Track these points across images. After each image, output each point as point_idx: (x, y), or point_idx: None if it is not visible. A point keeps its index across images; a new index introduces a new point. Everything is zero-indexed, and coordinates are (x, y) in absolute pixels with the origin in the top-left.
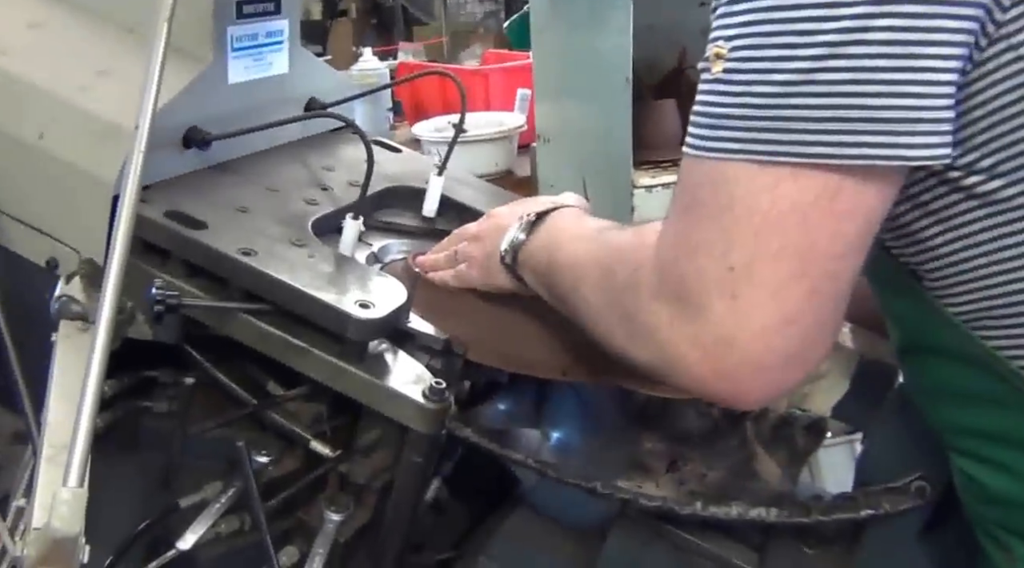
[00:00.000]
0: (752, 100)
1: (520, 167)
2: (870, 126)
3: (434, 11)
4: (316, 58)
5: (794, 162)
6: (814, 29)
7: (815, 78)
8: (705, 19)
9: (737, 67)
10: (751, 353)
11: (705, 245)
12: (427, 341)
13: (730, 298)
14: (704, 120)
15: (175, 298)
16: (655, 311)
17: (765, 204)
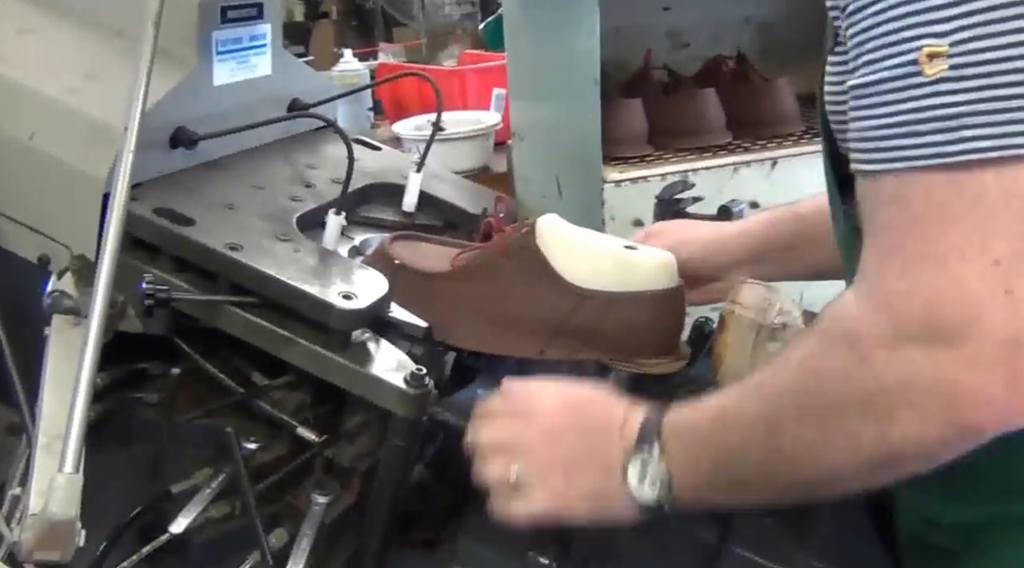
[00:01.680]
0: (994, 92)
1: (497, 163)
2: None
3: (413, 13)
4: (298, 60)
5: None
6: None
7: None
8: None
9: (966, 62)
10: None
11: (954, 252)
12: (408, 329)
13: (1004, 294)
14: (926, 126)
15: (165, 292)
16: (907, 362)
17: (1021, 189)
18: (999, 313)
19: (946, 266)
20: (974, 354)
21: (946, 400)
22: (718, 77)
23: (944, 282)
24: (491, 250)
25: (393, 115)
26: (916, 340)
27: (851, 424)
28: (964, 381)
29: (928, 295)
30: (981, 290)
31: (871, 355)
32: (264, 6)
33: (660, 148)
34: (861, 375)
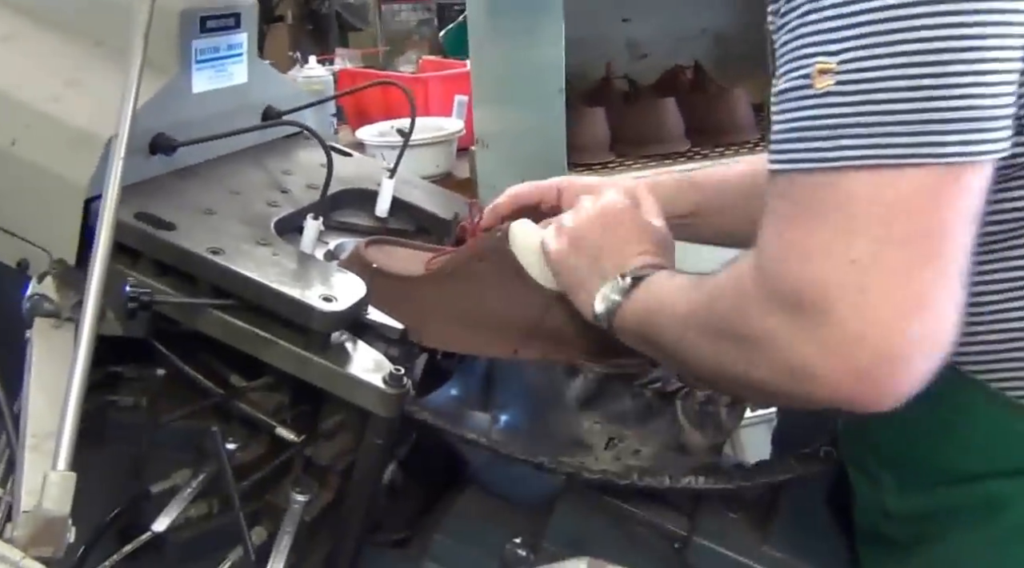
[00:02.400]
0: (871, 107)
1: (459, 169)
2: (977, 125)
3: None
4: (272, 68)
5: (915, 161)
6: (930, 37)
7: (935, 83)
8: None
9: (850, 79)
10: (887, 345)
11: (821, 247)
12: (385, 331)
13: (858, 292)
14: (814, 133)
15: (148, 295)
16: (772, 326)
17: (888, 197)
18: (850, 310)
19: (811, 259)
20: (824, 340)
21: (795, 369)
22: (676, 87)
23: (808, 273)
24: (465, 253)
25: (355, 121)
26: (782, 312)
27: (729, 354)
28: (811, 360)
29: (795, 281)
30: (837, 286)
31: (749, 309)
32: (241, 16)
33: (622, 155)
34: (739, 321)
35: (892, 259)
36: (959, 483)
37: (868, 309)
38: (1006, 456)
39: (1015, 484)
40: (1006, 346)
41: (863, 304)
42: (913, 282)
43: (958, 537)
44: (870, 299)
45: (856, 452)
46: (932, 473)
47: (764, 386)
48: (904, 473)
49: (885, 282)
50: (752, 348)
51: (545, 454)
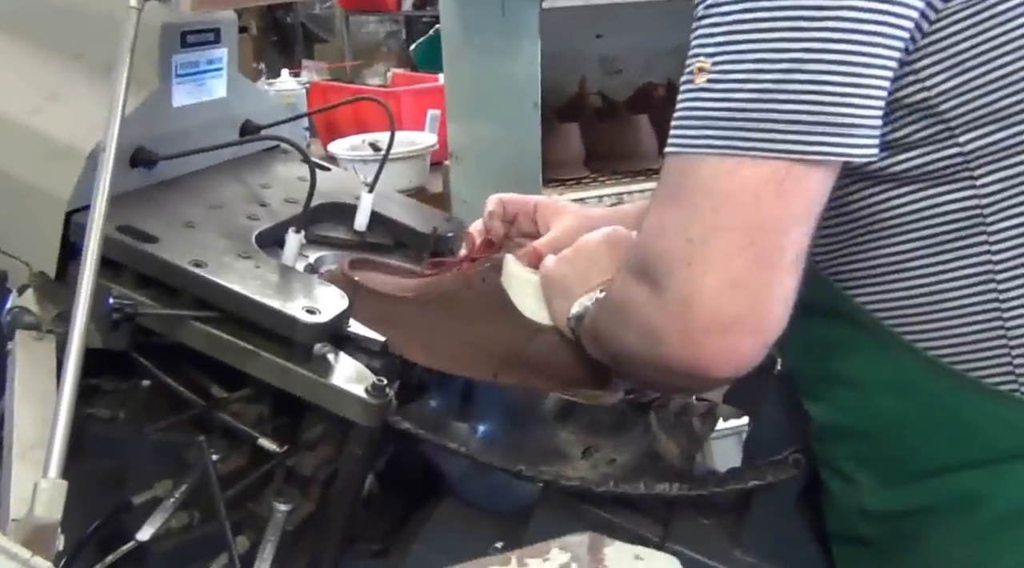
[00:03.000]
0: (730, 105)
1: (432, 184)
2: (820, 128)
3: (334, 29)
4: (251, 82)
5: (754, 154)
6: (782, 47)
7: (781, 88)
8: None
9: (718, 78)
10: (705, 313)
11: (671, 223)
12: (366, 343)
13: (686, 265)
14: (687, 122)
15: (131, 307)
16: (637, 291)
17: (724, 186)
18: (680, 280)
19: (663, 234)
20: (663, 304)
21: (646, 329)
22: (650, 103)
23: (659, 246)
24: (454, 279)
25: (325, 135)
26: (643, 279)
27: (609, 323)
28: (655, 320)
29: (651, 250)
30: (674, 260)
31: (624, 278)
32: (221, 31)
33: (596, 171)
34: (618, 291)
35: (718, 242)
36: (936, 477)
37: (693, 281)
38: (980, 444)
39: (990, 475)
40: (973, 335)
41: (690, 277)
42: (731, 265)
43: (937, 533)
44: (695, 272)
45: (831, 454)
46: (909, 468)
47: (639, 354)
48: (881, 471)
49: (707, 260)
50: (625, 314)
51: (524, 463)
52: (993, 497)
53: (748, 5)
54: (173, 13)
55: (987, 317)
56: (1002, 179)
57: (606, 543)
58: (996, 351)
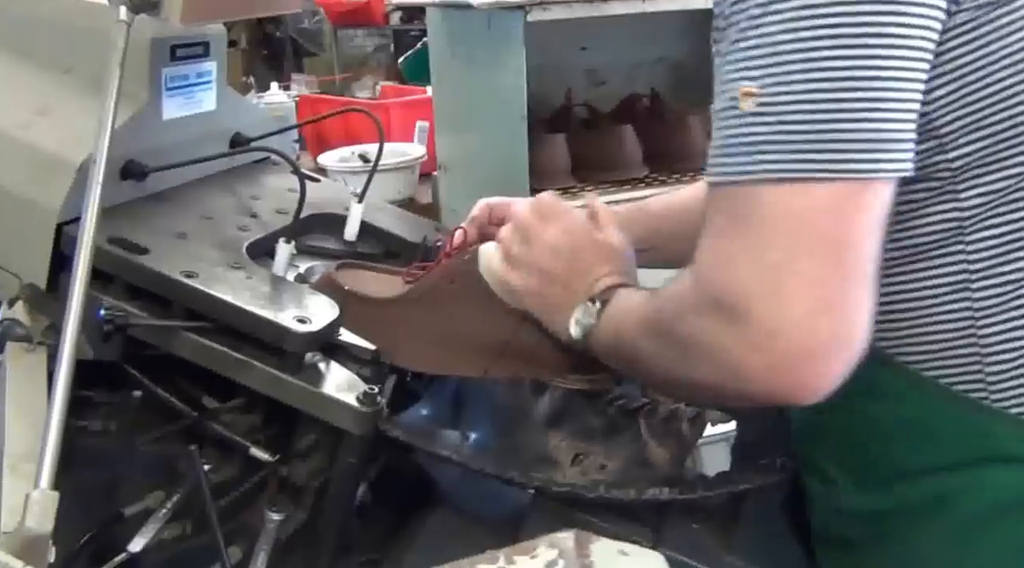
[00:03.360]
0: (787, 128)
1: (422, 194)
2: (880, 146)
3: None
4: (240, 95)
5: (820, 176)
6: (833, 66)
7: (839, 107)
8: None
9: (770, 102)
10: (796, 340)
11: (743, 253)
12: (356, 352)
13: (771, 294)
14: (738, 149)
15: (123, 318)
16: (704, 327)
17: (796, 210)
18: (764, 309)
19: (735, 264)
20: (745, 338)
21: (727, 367)
22: (634, 114)
23: (732, 278)
24: (435, 276)
25: (314, 147)
26: (712, 314)
27: (672, 357)
28: (739, 357)
29: (720, 284)
30: (754, 289)
31: (686, 315)
32: (210, 44)
33: (583, 180)
34: (679, 326)
35: (802, 266)
36: (910, 479)
37: (782, 310)
38: (950, 448)
39: (958, 478)
40: (946, 343)
41: (777, 305)
42: (820, 286)
43: (912, 533)
44: (783, 301)
45: (812, 457)
46: (884, 471)
47: (704, 385)
48: (858, 473)
49: (796, 286)
50: (690, 349)
51: (515, 470)
52: (963, 499)
53: (792, 25)
54: (162, 27)
55: (961, 326)
56: (984, 193)
57: (592, 540)
58: (968, 359)
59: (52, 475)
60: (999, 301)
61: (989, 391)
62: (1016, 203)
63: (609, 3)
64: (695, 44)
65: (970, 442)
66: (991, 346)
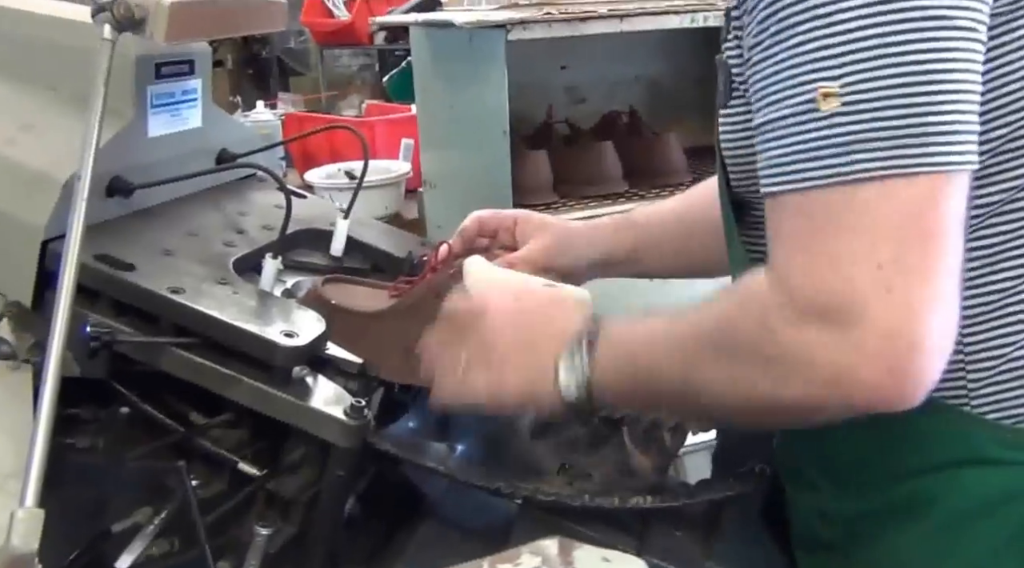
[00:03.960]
0: (877, 123)
1: (408, 210)
2: (965, 135)
3: (309, 63)
4: (226, 113)
5: (922, 169)
6: (915, 60)
7: (927, 100)
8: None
9: (854, 99)
10: (917, 338)
11: (847, 255)
12: (344, 365)
13: (885, 292)
14: (826, 151)
15: (109, 335)
16: (804, 340)
17: (902, 203)
18: (880, 309)
19: (839, 267)
20: (859, 342)
21: (832, 377)
22: (614, 131)
23: (838, 280)
24: (420, 290)
25: (301, 164)
26: (814, 323)
27: (752, 377)
28: (849, 364)
29: (824, 289)
30: (866, 289)
31: (777, 329)
32: (195, 62)
33: (564, 196)
34: (767, 341)
35: (912, 259)
36: (890, 482)
37: (897, 307)
38: (929, 452)
39: (936, 481)
40: None
41: (892, 303)
42: (931, 279)
43: (892, 535)
44: (897, 298)
45: (795, 463)
46: (864, 474)
47: (796, 403)
48: (839, 477)
49: (909, 281)
50: (782, 366)
51: (502, 480)
52: (942, 501)
53: (866, 21)
54: (147, 45)
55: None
56: (979, 205)
57: (575, 547)
58: (951, 366)
59: (38, 493)
60: (986, 310)
61: (970, 398)
62: (1008, 215)
63: (588, 23)
64: (671, 64)
65: (949, 446)
66: (975, 353)
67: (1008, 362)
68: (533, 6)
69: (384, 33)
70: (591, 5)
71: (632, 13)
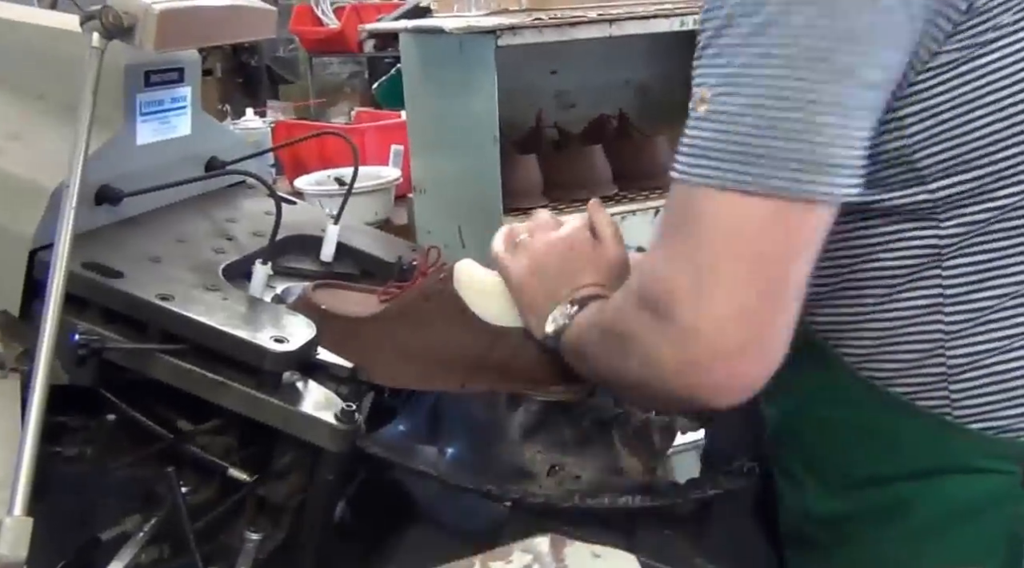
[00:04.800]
0: (728, 137)
1: (398, 216)
2: (817, 169)
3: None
4: (215, 120)
5: (758, 190)
6: (781, 86)
7: (778, 126)
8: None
9: (717, 110)
10: (712, 340)
11: (679, 253)
12: (334, 370)
13: (695, 294)
14: (688, 151)
15: (98, 342)
16: (639, 320)
17: (729, 218)
18: (687, 308)
19: (670, 262)
20: (666, 333)
21: (648, 359)
22: (603, 134)
23: (665, 274)
24: (411, 294)
25: (291, 172)
26: (647, 308)
27: (610, 349)
28: (659, 350)
29: (656, 278)
30: (681, 288)
31: (626, 308)
32: (185, 70)
33: (555, 200)
34: (618, 319)
35: (727, 272)
36: (872, 485)
37: (701, 308)
38: (910, 458)
39: (918, 486)
40: (914, 362)
41: (698, 303)
42: (740, 294)
43: (872, 536)
44: (704, 302)
45: (783, 459)
46: (848, 476)
47: (635, 382)
48: (824, 477)
49: (718, 290)
50: (625, 342)
51: (492, 483)
52: (922, 505)
53: (752, 40)
54: (136, 53)
55: (930, 347)
56: (964, 224)
57: (566, 544)
58: (934, 378)
59: (26, 501)
60: (969, 325)
61: (952, 408)
62: (995, 233)
63: (577, 27)
64: (660, 67)
65: (930, 453)
66: (958, 367)
67: (990, 374)
68: (522, 12)
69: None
70: (580, 10)
71: (621, 17)
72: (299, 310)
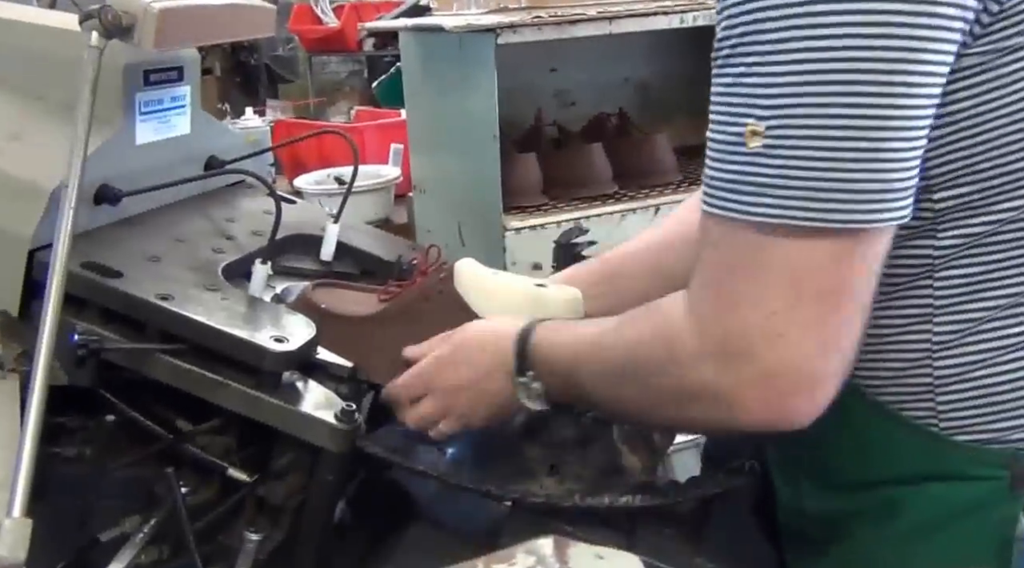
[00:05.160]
0: (792, 173)
1: (398, 215)
2: (884, 196)
3: (298, 70)
4: (215, 119)
5: (827, 227)
6: (841, 114)
7: (843, 156)
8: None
9: (775, 144)
10: (797, 377)
11: (746, 299)
12: (334, 370)
13: (774, 338)
14: (742, 188)
15: (97, 342)
16: (702, 370)
17: (800, 258)
18: (766, 353)
19: (737, 308)
20: (751, 378)
21: (723, 405)
22: (603, 132)
23: (735, 322)
24: (412, 294)
25: (290, 171)
26: (712, 358)
27: (662, 401)
28: (741, 396)
29: (724, 327)
30: (756, 333)
31: (681, 360)
32: (184, 69)
33: (554, 198)
34: (671, 371)
35: (804, 312)
36: (862, 488)
37: (781, 353)
38: (899, 464)
39: (907, 490)
40: (902, 371)
41: (777, 350)
42: (819, 332)
43: (863, 536)
44: (783, 346)
45: (783, 460)
46: (841, 478)
47: (696, 423)
48: (819, 477)
49: (798, 331)
50: (685, 395)
51: (492, 483)
52: (911, 508)
53: (802, 67)
54: (136, 52)
55: (918, 357)
56: (961, 235)
57: (570, 545)
58: (921, 389)
59: (25, 503)
60: (958, 336)
61: (939, 419)
62: (989, 246)
63: (577, 25)
64: (660, 65)
65: (918, 460)
66: (945, 378)
67: (976, 388)
68: (522, 10)
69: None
70: (580, 8)
71: (621, 15)
72: (299, 310)
